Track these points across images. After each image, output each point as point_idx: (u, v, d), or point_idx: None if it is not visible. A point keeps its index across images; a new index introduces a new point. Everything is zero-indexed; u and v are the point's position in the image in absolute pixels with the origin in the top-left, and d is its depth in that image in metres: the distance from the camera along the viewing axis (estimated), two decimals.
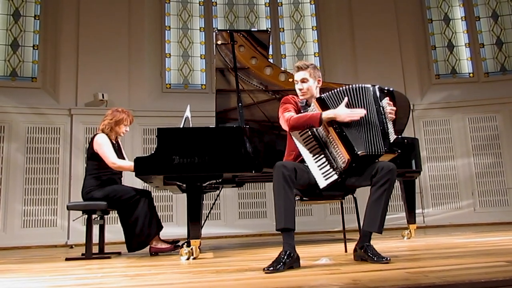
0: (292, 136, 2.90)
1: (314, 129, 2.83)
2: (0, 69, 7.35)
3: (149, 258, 3.82)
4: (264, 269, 2.42)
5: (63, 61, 7.38)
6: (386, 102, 2.86)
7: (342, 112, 2.71)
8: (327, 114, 2.73)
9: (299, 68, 2.98)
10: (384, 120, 2.80)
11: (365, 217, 2.72)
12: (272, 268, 2.41)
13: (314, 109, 2.83)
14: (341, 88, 2.85)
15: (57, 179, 6.95)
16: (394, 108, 2.87)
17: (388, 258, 2.57)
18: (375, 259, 2.58)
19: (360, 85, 2.86)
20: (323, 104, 2.80)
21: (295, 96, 3.07)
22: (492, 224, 7.07)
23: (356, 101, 2.81)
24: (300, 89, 2.98)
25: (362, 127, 2.76)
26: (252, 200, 7.46)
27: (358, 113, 2.72)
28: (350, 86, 2.85)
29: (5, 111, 6.92)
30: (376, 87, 2.90)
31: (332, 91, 2.85)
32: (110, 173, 4.16)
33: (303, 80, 2.96)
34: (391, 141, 2.78)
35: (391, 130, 2.81)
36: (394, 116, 2.85)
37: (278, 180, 2.60)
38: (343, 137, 2.73)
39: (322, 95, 2.86)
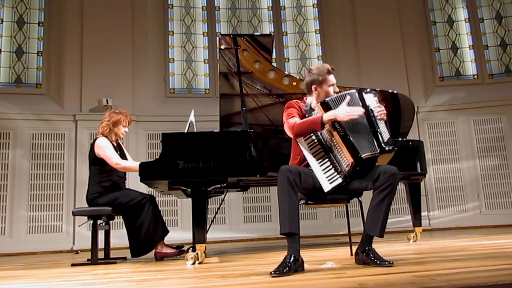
0: (297, 141, 2.91)
1: (319, 133, 2.84)
2: (5, 76, 7.39)
3: (154, 263, 3.83)
4: (271, 273, 2.43)
5: (67, 67, 7.41)
6: (375, 104, 2.87)
7: (342, 112, 2.72)
8: (327, 116, 2.75)
9: (333, 71, 3.03)
10: (374, 121, 2.82)
11: (367, 221, 2.73)
12: (278, 272, 2.42)
13: (318, 112, 2.85)
14: (332, 97, 2.88)
15: (62, 184, 6.96)
16: (383, 108, 2.87)
17: (391, 262, 2.58)
18: (378, 262, 2.59)
19: (344, 92, 2.88)
20: (327, 108, 2.82)
21: (298, 101, 3.08)
22: (498, 226, 7.02)
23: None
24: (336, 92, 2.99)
25: (356, 131, 2.78)
26: (257, 204, 7.45)
27: (356, 111, 2.72)
28: (335, 95, 2.89)
29: (10, 118, 6.95)
30: (363, 91, 2.92)
31: (335, 96, 2.88)
32: (114, 177, 4.17)
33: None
34: (385, 141, 2.80)
35: (383, 130, 2.84)
36: (385, 117, 2.86)
37: (282, 184, 2.62)
38: (347, 141, 2.76)
39: (326, 99, 2.88)
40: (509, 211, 7.38)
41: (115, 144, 4.28)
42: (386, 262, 2.57)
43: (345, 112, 2.71)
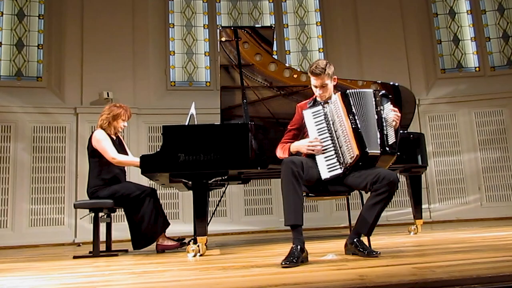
0: (307, 125, 2.99)
1: (331, 122, 2.92)
2: (6, 69, 7.38)
3: (156, 255, 3.84)
4: (281, 263, 2.48)
5: (68, 60, 7.40)
6: (389, 108, 2.93)
7: (304, 146, 2.94)
8: (293, 148, 3.01)
9: (317, 74, 2.96)
10: (384, 123, 2.88)
11: (359, 218, 2.82)
12: (288, 262, 2.48)
13: (337, 100, 2.91)
14: (352, 91, 2.95)
15: (64, 177, 6.98)
16: (399, 114, 2.92)
17: (378, 252, 2.69)
18: (366, 253, 2.69)
19: (356, 90, 2.95)
20: (346, 98, 2.90)
21: (307, 101, 3.15)
22: (499, 219, 7.03)
23: (359, 104, 2.90)
24: (320, 94, 3.02)
25: (365, 127, 2.85)
26: (258, 197, 7.46)
27: (313, 145, 2.90)
28: (354, 90, 2.95)
29: (11, 111, 6.95)
30: (380, 92, 2.97)
31: (354, 90, 2.95)
32: (114, 170, 4.17)
33: (323, 85, 2.98)
34: (390, 143, 2.85)
35: (390, 133, 2.90)
36: (397, 123, 2.91)
37: (287, 176, 2.67)
38: (358, 133, 2.83)
39: (347, 91, 2.94)
40: (510, 203, 7.38)
41: (114, 138, 4.27)
42: (374, 253, 2.68)
43: (306, 146, 2.91)
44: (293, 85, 4.57)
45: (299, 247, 2.58)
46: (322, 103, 2.98)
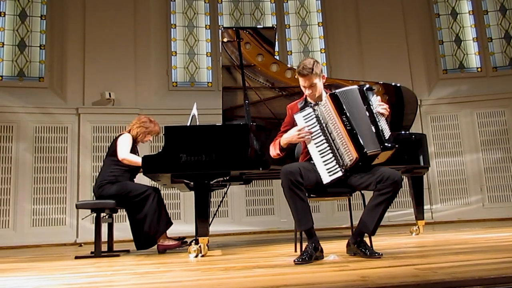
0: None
1: (324, 124, 2.87)
2: (8, 69, 7.39)
3: (157, 255, 3.84)
4: (294, 261, 2.57)
5: (69, 61, 7.41)
6: (376, 101, 2.88)
7: (293, 135, 2.89)
8: (283, 141, 2.96)
9: (304, 75, 2.93)
10: (375, 118, 2.83)
11: (362, 217, 2.79)
12: (301, 260, 2.56)
13: (327, 102, 2.85)
14: (339, 91, 2.88)
15: (66, 178, 6.98)
16: (385, 105, 2.88)
17: (381, 254, 2.67)
18: (368, 253, 2.69)
19: (343, 89, 2.89)
20: (336, 100, 2.84)
21: (297, 102, 3.13)
22: (501, 219, 7.02)
23: (349, 103, 2.84)
24: (309, 94, 2.99)
25: (360, 126, 2.79)
26: (260, 197, 7.46)
27: (304, 132, 2.86)
28: (341, 89, 2.89)
29: (13, 111, 6.96)
30: (364, 87, 2.92)
31: (342, 90, 2.89)
32: (125, 171, 4.23)
33: (312, 85, 2.96)
34: (387, 138, 2.81)
35: (384, 126, 2.84)
36: (387, 113, 2.87)
37: (287, 187, 2.70)
38: (353, 135, 2.78)
39: (335, 91, 2.87)
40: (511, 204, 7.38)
41: (135, 147, 4.42)
42: (376, 254, 2.67)
43: (296, 135, 2.87)
44: (294, 86, 4.56)
45: (313, 245, 2.66)
46: (312, 105, 2.93)
